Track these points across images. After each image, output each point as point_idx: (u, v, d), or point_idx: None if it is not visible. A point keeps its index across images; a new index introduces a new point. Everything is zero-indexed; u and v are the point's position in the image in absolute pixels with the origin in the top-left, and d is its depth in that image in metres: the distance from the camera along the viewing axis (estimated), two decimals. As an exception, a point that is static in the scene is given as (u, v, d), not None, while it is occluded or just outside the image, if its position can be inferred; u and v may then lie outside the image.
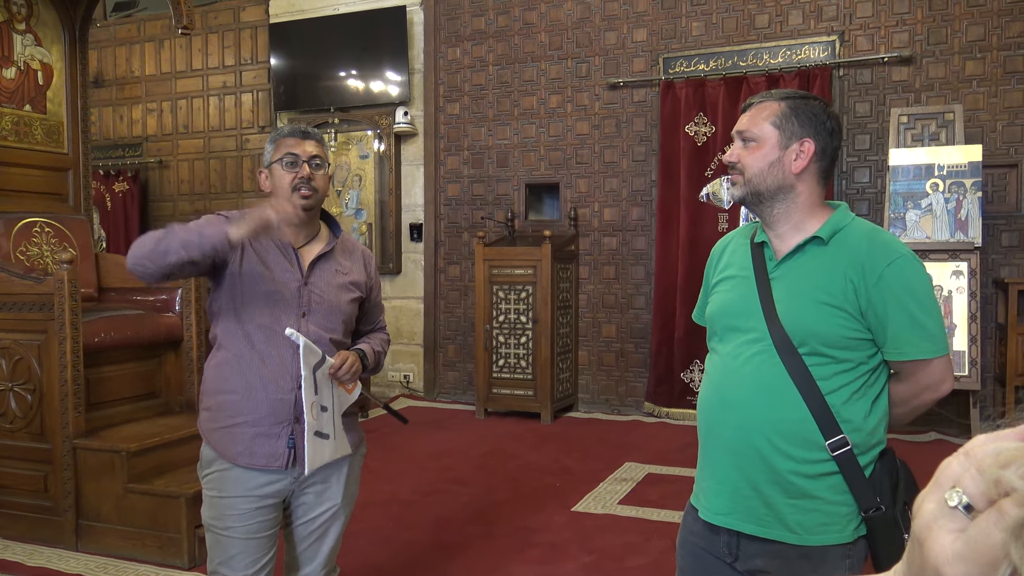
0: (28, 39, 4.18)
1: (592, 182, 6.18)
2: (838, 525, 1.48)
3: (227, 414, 1.99)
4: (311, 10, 6.89)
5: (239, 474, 1.99)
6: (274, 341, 1.98)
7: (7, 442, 3.54)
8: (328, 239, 2.13)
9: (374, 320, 2.28)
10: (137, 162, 7.72)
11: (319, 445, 1.97)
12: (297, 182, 2.01)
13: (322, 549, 2.14)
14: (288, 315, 2.00)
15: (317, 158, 2.05)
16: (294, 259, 2.04)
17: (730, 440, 1.54)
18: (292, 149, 2.04)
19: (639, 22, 6.00)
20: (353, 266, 2.15)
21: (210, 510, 2.04)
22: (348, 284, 2.11)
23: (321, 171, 2.06)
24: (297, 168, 2.02)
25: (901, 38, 5.38)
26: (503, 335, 5.85)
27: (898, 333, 1.47)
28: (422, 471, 4.53)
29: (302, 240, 2.09)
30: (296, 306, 2.01)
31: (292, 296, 2.01)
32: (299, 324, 2.00)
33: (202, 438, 2.07)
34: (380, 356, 2.21)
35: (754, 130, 1.56)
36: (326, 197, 2.12)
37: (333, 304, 2.07)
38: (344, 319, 2.10)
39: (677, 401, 5.77)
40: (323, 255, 2.08)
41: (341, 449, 2.07)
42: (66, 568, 3.22)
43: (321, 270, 2.07)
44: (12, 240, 3.91)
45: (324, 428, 1.99)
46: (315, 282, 2.05)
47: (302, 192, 2.01)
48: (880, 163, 5.41)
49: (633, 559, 3.26)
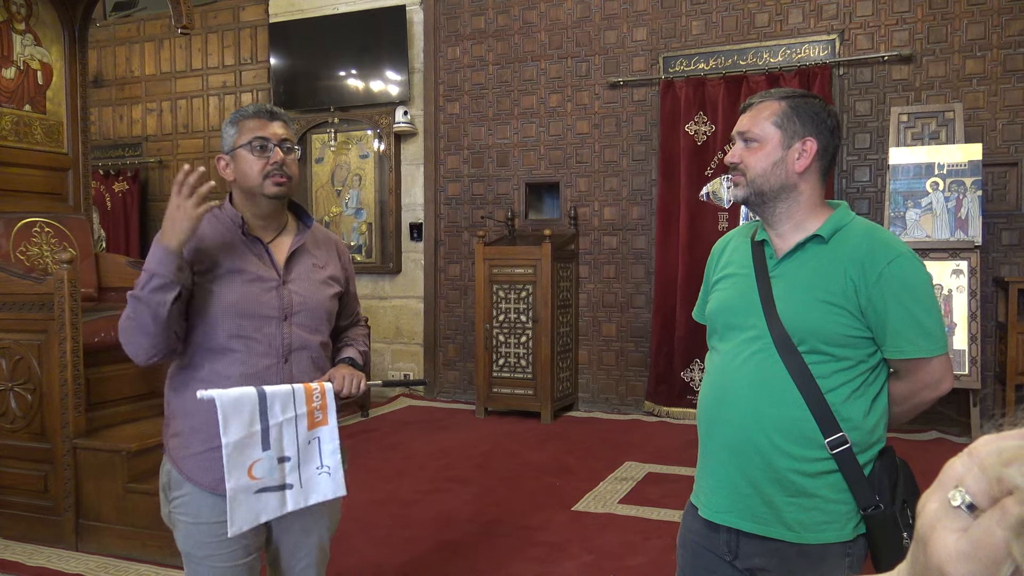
0: (28, 39, 4.17)
1: (592, 181, 6.18)
2: (837, 524, 1.48)
3: (202, 437, 1.76)
4: (311, 9, 6.89)
5: (215, 500, 1.76)
6: (255, 351, 1.78)
7: (7, 442, 3.54)
8: (298, 230, 1.91)
9: (352, 312, 2.08)
10: (137, 162, 7.72)
11: (264, 500, 1.73)
12: (269, 168, 1.79)
13: (313, 571, 1.96)
14: (268, 320, 1.79)
15: (287, 141, 1.83)
16: (266, 256, 1.83)
17: (729, 438, 1.54)
18: (259, 132, 1.80)
19: (639, 21, 6.00)
20: (329, 258, 1.95)
21: (186, 539, 1.81)
22: (327, 279, 1.92)
23: (292, 155, 1.83)
24: (268, 153, 1.79)
25: (901, 37, 5.38)
26: (503, 334, 5.85)
27: (898, 331, 1.47)
28: (422, 470, 4.53)
29: (270, 234, 1.87)
30: (277, 309, 1.80)
31: (271, 299, 1.80)
32: (281, 328, 1.80)
33: (169, 462, 1.84)
34: (367, 355, 2.04)
35: (755, 130, 1.55)
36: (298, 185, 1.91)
37: (316, 303, 1.87)
38: (328, 318, 1.91)
39: (677, 400, 5.77)
40: (297, 250, 1.87)
41: (320, 494, 1.81)
42: (66, 568, 3.22)
43: (298, 266, 1.86)
44: (12, 240, 3.91)
45: (285, 479, 1.75)
46: (294, 280, 1.85)
47: (275, 179, 1.79)
48: (880, 162, 5.41)
49: (633, 558, 3.26)
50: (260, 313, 1.79)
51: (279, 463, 1.75)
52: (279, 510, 1.77)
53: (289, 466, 1.76)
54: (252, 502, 1.72)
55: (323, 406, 1.80)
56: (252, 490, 1.72)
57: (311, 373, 1.87)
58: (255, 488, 1.72)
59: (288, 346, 1.82)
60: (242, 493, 1.70)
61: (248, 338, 1.77)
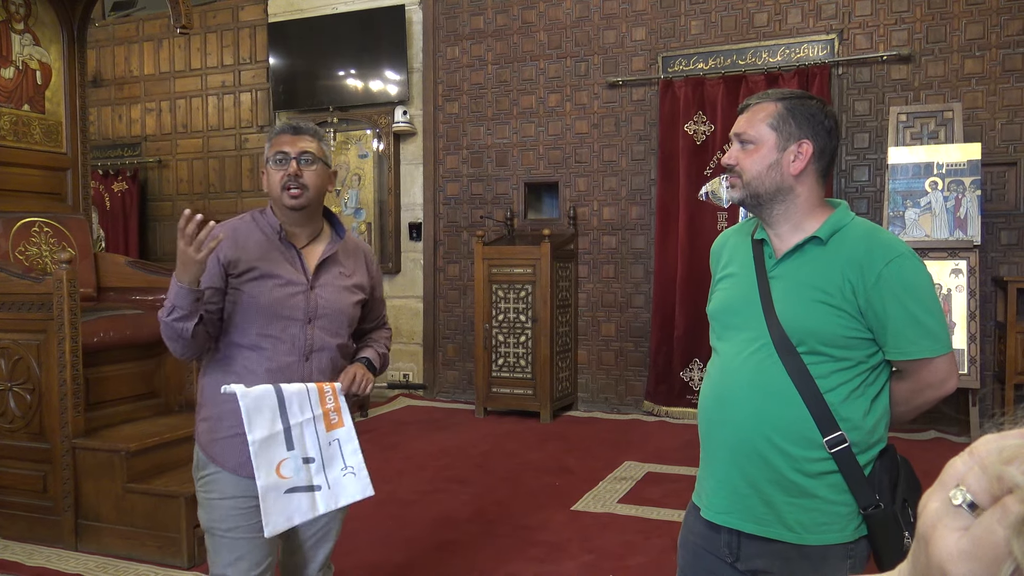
0: (27, 39, 4.17)
1: (591, 181, 6.18)
2: (838, 524, 1.48)
3: (228, 424, 1.91)
4: (310, 9, 6.89)
5: (238, 480, 1.92)
6: (280, 349, 1.93)
7: (6, 442, 3.54)
8: (331, 239, 2.06)
9: (377, 316, 2.22)
10: (136, 162, 7.72)
11: (296, 501, 1.84)
12: (285, 180, 1.93)
13: (323, 549, 2.12)
14: (294, 322, 1.94)
15: (308, 154, 1.96)
16: (298, 262, 1.98)
17: (729, 438, 1.54)
18: (282, 147, 1.96)
19: (638, 21, 6.00)
20: (356, 267, 2.09)
21: (210, 512, 1.96)
22: (352, 287, 2.05)
23: (314, 167, 1.96)
24: (286, 165, 1.94)
25: (900, 36, 5.38)
26: (502, 334, 5.85)
27: (899, 332, 1.46)
28: (421, 470, 4.53)
29: (304, 240, 2.02)
30: (302, 312, 1.95)
31: (298, 302, 1.95)
32: (305, 330, 1.95)
33: (197, 445, 2.02)
34: (385, 356, 2.18)
35: (751, 132, 1.55)
36: (325, 194, 2.04)
37: (339, 309, 2.01)
38: (349, 323, 2.05)
39: (676, 400, 5.77)
40: (328, 258, 2.01)
41: (348, 495, 1.92)
42: (65, 568, 3.22)
43: (327, 273, 2.01)
44: (11, 240, 3.90)
45: (312, 480, 1.86)
46: (322, 286, 1.99)
47: (290, 191, 1.93)
48: (879, 162, 5.41)
49: (633, 558, 3.27)
50: (287, 315, 1.94)
51: (304, 463, 1.85)
52: (311, 512, 1.87)
53: (315, 467, 1.87)
54: (284, 502, 1.82)
55: (336, 407, 1.92)
56: (282, 489, 1.81)
57: (329, 372, 2.01)
58: (285, 487, 1.82)
59: (310, 346, 1.97)
60: (273, 491, 1.80)
61: (275, 337, 1.93)
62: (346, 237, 2.09)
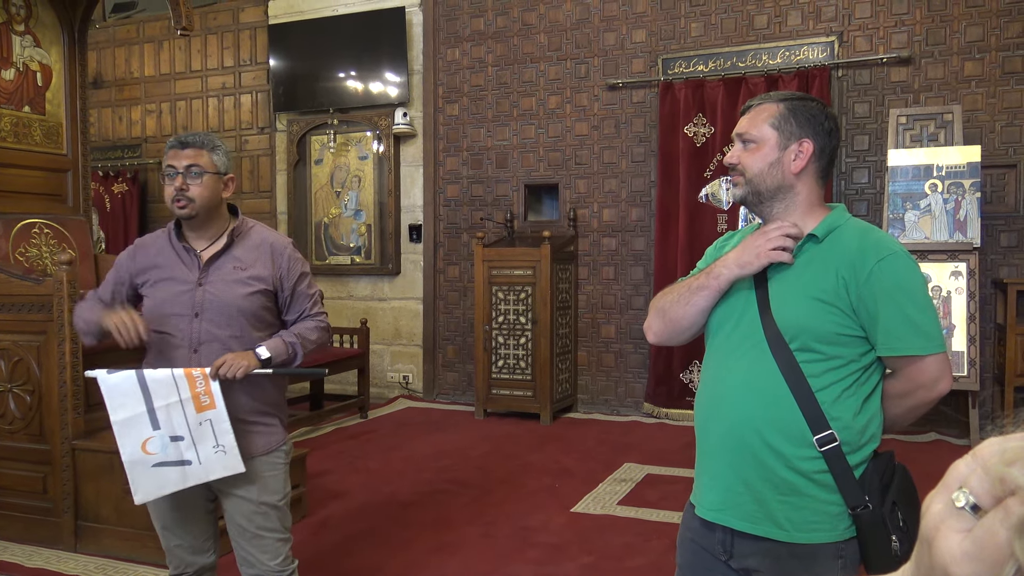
0: (27, 40, 4.17)
1: (591, 183, 6.18)
2: (828, 524, 1.48)
3: None
4: (310, 11, 6.89)
5: None
6: (171, 343, 2.12)
7: (6, 443, 3.54)
8: (230, 238, 2.19)
9: (300, 310, 2.25)
10: (136, 163, 7.72)
11: (165, 473, 2.08)
12: (174, 193, 2.09)
13: (262, 549, 2.18)
14: (182, 317, 2.11)
15: (195, 167, 2.10)
16: (194, 263, 2.14)
17: (722, 436, 1.55)
18: (171, 161, 2.11)
19: (638, 23, 6.01)
20: (257, 260, 2.18)
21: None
22: (247, 279, 2.15)
23: (200, 180, 2.09)
24: (174, 179, 2.09)
25: (900, 39, 5.39)
26: (502, 336, 5.85)
27: (888, 329, 1.47)
28: (421, 471, 4.53)
29: (205, 243, 2.17)
30: (189, 307, 2.11)
31: (186, 299, 2.11)
32: (192, 324, 2.11)
33: None
34: (295, 346, 2.17)
35: (753, 132, 1.58)
36: (220, 200, 2.17)
37: (226, 301, 2.12)
38: (244, 315, 2.13)
39: (676, 402, 5.77)
40: (220, 254, 2.14)
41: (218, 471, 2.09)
42: (65, 569, 3.22)
43: (218, 270, 2.14)
44: (11, 241, 3.90)
45: (183, 455, 2.07)
46: (211, 282, 2.12)
47: (178, 203, 2.09)
48: (879, 164, 5.42)
49: (632, 559, 3.27)
50: (176, 312, 2.13)
51: (172, 441, 2.07)
52: (181, 483, 2.10)
53: (184, 444, 2.08)
54: (152, 475, 2.08)
55: (208, 391, 2.06)
56: (149, 464, 2.07)
57: None
58: (152, 462, 2.07)
59: (197, 339, 2.13)
60: (139, 465, 2.08)
61: (168, 333, 2.13)
62: (251, 232, 2.22)
